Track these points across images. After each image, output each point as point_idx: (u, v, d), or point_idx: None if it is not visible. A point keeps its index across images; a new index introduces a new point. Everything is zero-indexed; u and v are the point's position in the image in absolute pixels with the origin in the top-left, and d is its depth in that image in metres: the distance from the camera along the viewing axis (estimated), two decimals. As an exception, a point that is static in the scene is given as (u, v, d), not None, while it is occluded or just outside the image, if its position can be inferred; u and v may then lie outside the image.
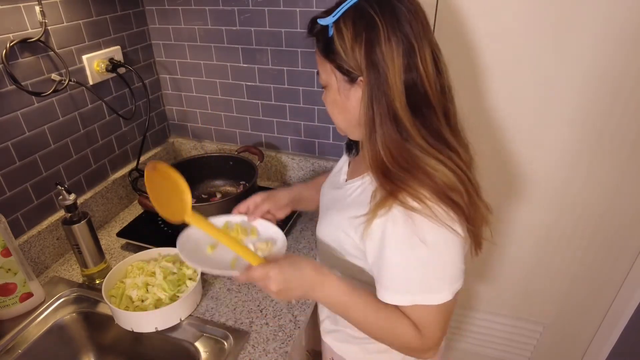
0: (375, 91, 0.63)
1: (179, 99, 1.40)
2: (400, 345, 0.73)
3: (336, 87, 0.69)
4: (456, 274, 0.68)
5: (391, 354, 0.86)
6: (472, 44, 1.09)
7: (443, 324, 0.70)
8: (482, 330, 1.59)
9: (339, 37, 0.64)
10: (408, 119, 0.63)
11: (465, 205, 0.65)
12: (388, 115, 0.63)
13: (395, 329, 0.70)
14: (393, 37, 0.61)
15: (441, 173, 0.63)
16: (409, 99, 0.63)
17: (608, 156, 1.13)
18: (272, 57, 1.21)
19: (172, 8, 1.24)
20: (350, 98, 0.68)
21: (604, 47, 1.00)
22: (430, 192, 0.63)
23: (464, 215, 0.65)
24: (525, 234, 1.33)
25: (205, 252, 0.78)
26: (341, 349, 0.91)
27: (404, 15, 0.62)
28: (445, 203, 0.63)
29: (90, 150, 1.15)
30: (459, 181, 0.64)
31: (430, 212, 0.62)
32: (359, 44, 0.62)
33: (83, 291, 0.98)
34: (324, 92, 0.73)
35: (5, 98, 0.91)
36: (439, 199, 0.63)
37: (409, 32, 0.62)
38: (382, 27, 0.61)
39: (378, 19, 0.61)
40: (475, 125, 1.19)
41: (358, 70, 0.64)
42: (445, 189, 0.63)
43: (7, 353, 0.85)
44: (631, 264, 1.28)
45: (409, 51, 0.62)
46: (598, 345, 1.45)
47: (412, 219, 0.63)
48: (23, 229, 0.99)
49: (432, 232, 0.63)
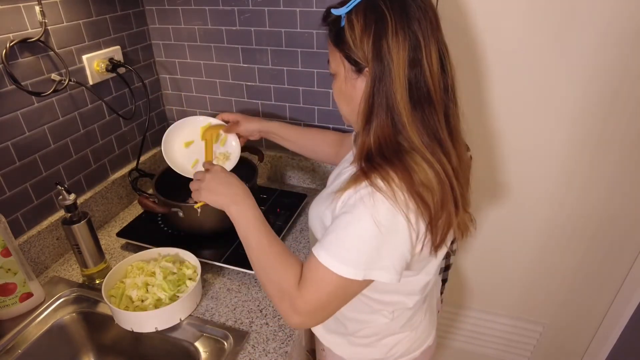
0: (378, 83, 0.65)
1: (179, 99, 1.40)
2: (275, 291, 0.71)
3: (344, 76, 0.71)
4: (381, 263, 0.65)
5: (375, 348, 0.86)
6: (472, 43, 1.09)
7: (325, 296, 0.67)
8: (482, 330, 1.59)
9: (350, 27, 0.66)
10: (407, 113, 0.64)
11: (434, 205, 0.64)
12: (386, 107, 0.65)
13: (280, 269, 0.71)
14: (401, 31, 0.63)
15: (421, 170, 0.64)
16: (410, 94, 0.64)
17: (608, 156, 1.14)
18: (272, 57, 1.21)
19: (172, 8, 1.24)
20: (356, 88, 0.70)
21: (604, 47, 1.00)
22: (401, 180, 0.63)
23: (429, 215, 0.64)
24: (525, 234, 1.33)
25: (180, 147, 1.05)
26: (329, 339, 0.92)
27: (414, 11, 0.64)
28: (413, 196, 0.63)
29: (90, 150, 1.15)
30: (438, 183, 0.64)
31: (391, 195, 0.62)
32: (368, 35, 0.64)
33: (83, 291, 0.98)
34: (333, 80, 0.75)
35: (5, 98, 0.91)
36: (407, 190, 0.63)
37: (416, 29, 0.63)
38: (391, 21, 0.63)
39: (388, 13, 0.63)
40: (475, 125, 1.20)
41: (365, 61, 0.66)
42: (419, 185, 0.63)
43: (7, 353, 0.85)
44: (631, 264, 1.28)
45: (415, 47, 0.63)
46: (598, 345, 1.46)
47: (374, 198, 0.63)
48: (23, 229, 0.99)
49: (386, 215, 0.63)
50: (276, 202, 1.25)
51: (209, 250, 1.05)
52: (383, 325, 0.84)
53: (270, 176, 1.41)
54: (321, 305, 0.68)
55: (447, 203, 0.66)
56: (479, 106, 1.16)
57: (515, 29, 1.04)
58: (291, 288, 0.69)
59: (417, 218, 0.64)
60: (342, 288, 0.66)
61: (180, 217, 1.04)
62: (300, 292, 0.68)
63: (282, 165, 1.37)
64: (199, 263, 0.96)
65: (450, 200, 0.66)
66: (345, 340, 0.89)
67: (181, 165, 1.02)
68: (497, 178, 1.27)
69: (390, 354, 0.87)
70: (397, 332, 0.86)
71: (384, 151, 0.66)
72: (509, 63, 1.09)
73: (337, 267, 0.64)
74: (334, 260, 0.65)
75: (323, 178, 1.34)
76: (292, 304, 0.69)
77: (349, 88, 0.71)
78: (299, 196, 1.28)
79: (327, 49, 0.74)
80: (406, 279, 0.77)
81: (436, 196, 0.64)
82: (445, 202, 0.66)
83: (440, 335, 1.67)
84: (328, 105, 1.23)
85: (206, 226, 1.08)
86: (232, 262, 1.02)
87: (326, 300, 0.67)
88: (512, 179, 1.25)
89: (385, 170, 0.64)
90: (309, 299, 0.67)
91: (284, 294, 0.70)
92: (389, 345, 0.87)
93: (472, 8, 1.05)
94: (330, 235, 0.67)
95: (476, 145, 1.21)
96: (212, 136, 1.04)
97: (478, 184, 1.29)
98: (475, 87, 1.14)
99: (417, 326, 0.88)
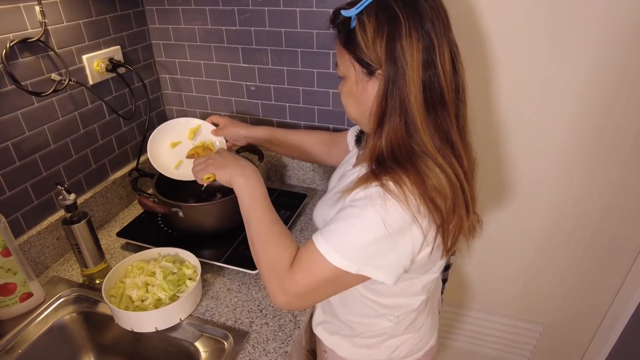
0: (392, 85, 0.63)
1: (179, 98, 1.40)
2: (267, 267, 0.71)
3: (354, 78, 0.69)
4: (378, 262, 0.64)
5: (379, 350, 0.86)
6: (472, 44, 1.09)
7: (315, 282, 0.66)
8: (482, 330, 1.59)
9: (361, 29, 0.64)
10: (421, 116, 0.63)
11: (446, 210, 0.64)
12: (399, 110, 0.64)
13: (277, 247, 0.71)
14: (414, 32, 0.62)
15: (434, 175, 0.63)
16: (425, 96, 0.63)
17: (608, 156, 1.13)
18: (272, 57, 1.21)
19: (172, 8, 1.24)
20: (367, 90, 0.69)
21: (604, 47, 1.00)
22: (413, 185, 0.62)
23: (441, 219, 0.64)
24: (525, 234, 1.33)
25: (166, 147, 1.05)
26: (331, 340, 0.91)
27: (426, 12, 0.62)
28: (425, 201, 0.62)
29: (90, 150, 1.15)
30: (450, 188, 0.64)
31: (404, 199, 0.62)
32: (381, 37, 0.63)
33: (83, 291, 0.98)
34: (341, 82, 0.74)
35: (5, 98, 0.91)
36: (419, 194, 0.62)
37: (430, 29, 0.62)
38: (404, 22, 0.61)
39: (401, 13, 0.62)
40: (476, 125, 1.19)
41: (377, 63, 0.64)
42: (432, 190, 0.63)
43: (7, 353, 0.85)
44: (631, 264, 1.28)
45: (429, 48, 0.62)
46: (598, 345, 1.45)
47: (385, 200, 0.62)
48: (23, 228, 0.99)
49: (397, 218, 0.62)
50: (276, 202, 1.24)
51: (209, 250, 1.05)
52: (387, 328, 0.84)
53: (270, 176, 1.40)
54: (309, 290, 0.67)
55: (459, 207, 0.66)
56: (478, 107, 1.16)
57: (515, 29, 1.04)
58: (284, 267, 0.69)
59: (428, 223, 0.64)
60: (334, 278, 0.66)
61: (180, 217, 1.04)
62: (291, 272, 0.68)
63: (282, 165, 1.37)
64: (199, 263, 0.96)
65: (461, 204, 0.66)
66: (348, 342, 0.89)
67: (164, 164, 1.01)
68: (496, 178, 1.27)
69: (394, 355, 0.87)
70: (400, 334, 0.86)
71: (396, 155, 0.65)
72: (510, 63, 1.09)
73: (332, 257, 0.64)
74: (331, 250, 0.64)
75: (323, 178, 1.34)
76: (281, 282, 0.68)
77: (359, 90, 0.70)
78: (299, 196, 1.28)
79: (327, 49, 0.74)
80: (410, 280, 0.77)
81: (448, 201, 0.64)
82: (457, 207, 0.65)
83: (441, 335, 1.67)
84: (328, 105, 1.23)
85: (206, 226, 1.08)
86: (232, 262, 1.02)
87: (315, 286, 0.67)
88: (512, 179, 1.25)
89: (397, 173, 0.63)
90: (299, 282, 0.67)
91: (275, 271, 0.70)
92: (392, 347, 0.87)
93: (476, 8, 1.05)
94: (332, 224, 0.66)
95: (476, 145, 1.21)
96: (200, 151, 1.02)
97: (478, 184, 1.28)
98: (475, 88, 1.14)
99: (420, 327, 0.88)
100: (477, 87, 1.14)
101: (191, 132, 1.08)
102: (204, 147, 1.04)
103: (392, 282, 0.66)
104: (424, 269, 0.76)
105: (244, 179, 0.78)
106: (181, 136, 1.07)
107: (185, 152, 1.03)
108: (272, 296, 0.70)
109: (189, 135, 1.07)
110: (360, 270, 0.64)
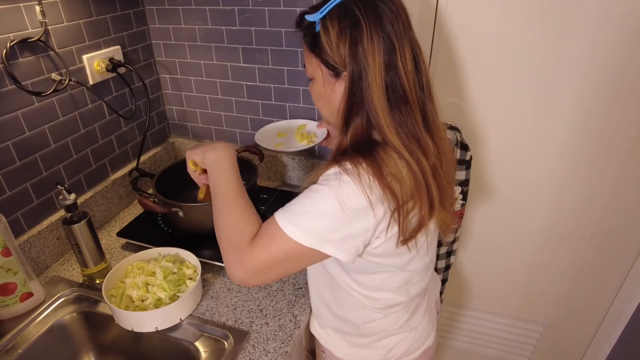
0: (356, 87, 0.66)
1: (179, 98, 1.40)
2: (227, 241, 0.73)
3: (322, 80, 0.72)
4: (332, 237, 0.65)
5: (375, 350, 0.87)
6: (471, 44, 1.09)
7: (273, 257, 0.68)
8: (482, 330, 1.59)
9: (325, 33, 0.67)
10: (385, 114, 0.65)
11: (402, 196, 0.65)
12: (363, 110, 0.66)
13: (239, 222, 0.72)
14: (375, 35, 0.64)
15: (390, 159, 0.65)
16: (387, 95, 0.65)
17: (608, 156, 1.14)
18: (272, 56, 1.21)
19: (172, 8, 1.24)
20: (335, 91, 0.71)
21: (603, 46, 1.00)
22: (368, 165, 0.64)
23: (396, 204, 0.65)
24: (525, 234, 1.33)
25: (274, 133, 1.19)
26: (328, 341, 0.92)
27: (386, 14, 0.65)
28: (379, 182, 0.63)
29: (91, 150, 1.15)
30: (415, 183, 0.65)
31: (357, 176, 0.63)
32: (344, 41, 0.65)
33: (83, 291, 0.98)
34: (310, 83, 0.76)
35: (5, 98, 0.91)
36: (373, 174, 0.63)
37: (390, 32, 0.65)
38: (365, 25, 0.64)
39: (362, 17, 0.64)
40: (476, 125, 1.20)
41: (342, 65, 0.67)
42: (388, 174, 0.64)
43: (7, 353, 0.85)
44: (631, 264, 1.28)
45: (390, 50, 0.65)
46: (598, 345, 1.46)
47: (340, 179, 0.64)
48: (23, 228, 0.99)
49: (350, 195, 0.64)
50: (276, 202, 1.26)
51: (209, 250, 1.05)
52: (379, 324, 0.84)
53: (270, 176, 1.41)
54: (266, 265, 0.68)
55: (423, 204, 0.67)
56: (477, 107, 1.16)
57: (514, 29, 1.04)
58: (243, 241, 0.70)
59: (381, 203, 0.65)
60: (291, 252, 0.67)
61: (180, 217, 1.04)
62: (250, 247, 0.69)
63: (282, 165, 1.37)
64: (199, 263, 0.96)
65: (425, 201, 0.67)
66: (344, 341, 0.89)
67: (267, 140, 1.14)
68: (497, 178, 1.27)
69: (390, 355, 0.87)
70: (396, 333, 0.86)
71: (358, 147, 0.67)
72: (509, 63, 1.09)
73: (289, 229, 0.65)
74: (287, 222, 0.66)
75: (323, 178, 1.34)
76: (239, 257, 0.69)
77: (327, 91, 0.73)
78: (299, 196, 1.28)
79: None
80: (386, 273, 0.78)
81: (406, 187, 0.65)
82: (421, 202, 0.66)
83: (440, 335, 1.67)
84: (328, 105, 1.23)
85: (206, 226, 1.08)
86: (232, 262, 1.02)
87: (273, 261, 0.68)
88: (512, 178, 1.25)
89: (355, 157, 0.65)
90: (256, 256, 0.68)
91: (234, 245, 0.71)
92: (388, 347, 0.87)
93: (474, 8, 1.05)
94: (292, 202, 0.69)
95: (477, 145, 1.22)
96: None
97: (478, 184, 1.29)
98: (474, 88, 1.14)
99: (416, 326, 0.88)
100: (477, 87, 1.14)
101: (299, 128, 1.18)
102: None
103: (345, 259, 0.67)
104: (393, 260, 0.75)
105: (214, 152, 0.81)
106: (290, 130, 1.20)
107: (286, 140, 1.16)
108: (229, 271, 0.71)
109: (296, 131, 1.18)
110: (313, 245, 0.65)
